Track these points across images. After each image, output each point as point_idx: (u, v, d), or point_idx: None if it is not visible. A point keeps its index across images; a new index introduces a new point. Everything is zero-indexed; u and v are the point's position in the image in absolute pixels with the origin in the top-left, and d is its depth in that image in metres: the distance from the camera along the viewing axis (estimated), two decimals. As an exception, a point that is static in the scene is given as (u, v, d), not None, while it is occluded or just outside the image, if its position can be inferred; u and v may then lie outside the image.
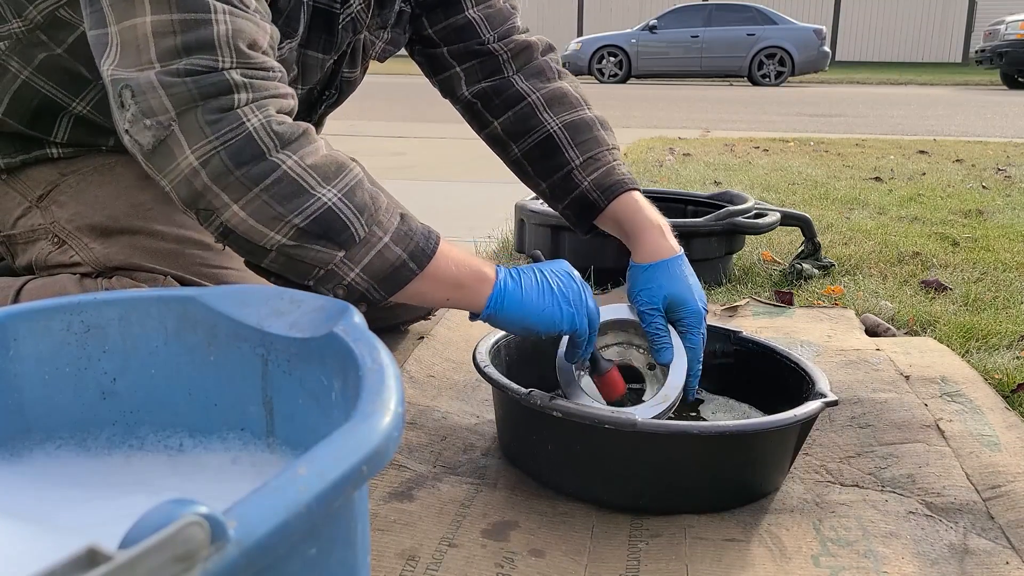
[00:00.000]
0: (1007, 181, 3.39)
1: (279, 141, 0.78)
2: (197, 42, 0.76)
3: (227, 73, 0.77)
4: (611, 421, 0.87)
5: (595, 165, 1.12)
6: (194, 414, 0.64)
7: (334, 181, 0.81)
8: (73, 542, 0.28)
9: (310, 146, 0.81)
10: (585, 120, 1.15)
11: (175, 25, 0.76)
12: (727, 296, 1.75)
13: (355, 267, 0.83)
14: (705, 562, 0.82)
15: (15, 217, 1.10)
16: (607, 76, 13.90)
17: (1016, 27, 11.71)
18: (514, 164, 1.19)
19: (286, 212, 0.78)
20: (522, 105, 1.15)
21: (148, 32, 0.76)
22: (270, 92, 0.80)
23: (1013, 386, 1.23)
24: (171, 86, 0.76)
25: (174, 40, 0.76)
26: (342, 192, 0.81)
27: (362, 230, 0.82)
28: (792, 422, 0.89)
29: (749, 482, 0.93)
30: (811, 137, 5.21)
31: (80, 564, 0.28)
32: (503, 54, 1.17)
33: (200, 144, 0.76)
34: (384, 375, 0.46)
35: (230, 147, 0.76)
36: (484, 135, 1.20)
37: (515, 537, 0.85)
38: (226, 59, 0.77)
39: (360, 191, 0.83)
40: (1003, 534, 0.86)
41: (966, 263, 1.99)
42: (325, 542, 0.41)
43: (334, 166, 0.82)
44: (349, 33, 1.06)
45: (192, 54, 0.76)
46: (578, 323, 0.93)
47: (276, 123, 0.79)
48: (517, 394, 0.92)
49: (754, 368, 1.12)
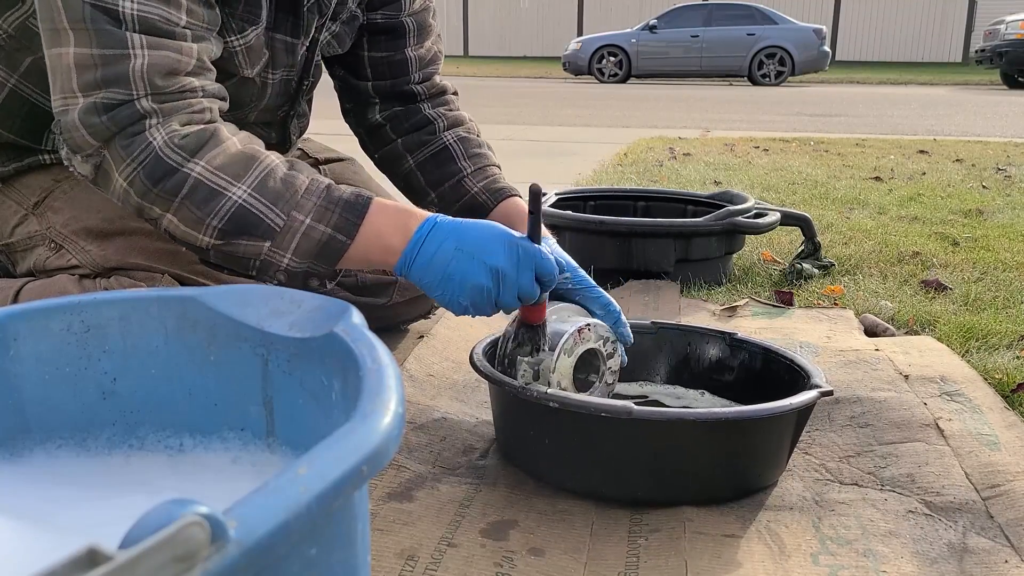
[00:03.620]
0: (1007, 181, 3.39)
1: (186, 152, 0.84)
2: (115, 76, 0.82)
3: (137, 103, 0.83)
4: (607, 409, 0.87)
5: (484, 175, 1.21)
6: (194, 414, 0.64)
7: (244, 177, 0.85)
8: (73, 542, 0.28)
9: (217, 148, 0.86)
10: (475, 139, 1.25)
11: (95, 59, 0.82)
12: (727, 296, 1.75)
13: (286, 253, 0.87)
14: (704, 558, 0.82)
15: (12, 225, 1.10)
16: (607, 76, 13.90)
17: (1016, 27, 11.71)
18: (404, 177, 1.25)
19: (204, 216, 0.85)
20: (427, 126, 1.23)
21: (71, 64, 0.83)
22: (180, 111, 0.85)
23: (1013, 386, 1.23)
24: (90, 125, 0.83)
25: (94, 74, 0.82)
26: (251, 187, 0.85)
27: (279, 219, 0.86)
28: (788, 409, 0.90)
29: (746, 472, 0.93)
30: (811, 137, 5.21)
31: (80, 564, 0.28)
32: (422, 94, 1.25)
33: (123, 168, 0.84)
34: (384, 375, 0.46)
35: (145, 167, 0.84)
36: (380, 154, 1.27)
37: (514, 536, 0.85)
38: (140, 91, 0.84)
39: (271, 181, 0.86)
40: (1002, 533, 0.87)
41: (966, 263, 2.00)
42: (325, 542, 0.41)
43: (243, 162, 0.86)
44: (315, 15, 1.07)
45: (110, 87, 0.83)
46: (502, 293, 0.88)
47: (179, 136, 0.84)
48: (513, 388, 0.92)
49: (750, 369, 1.12)
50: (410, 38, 1.21)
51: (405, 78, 1.22)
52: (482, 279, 0.86)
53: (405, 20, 1.19)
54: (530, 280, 0.88)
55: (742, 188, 2.96)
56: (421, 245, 0.87)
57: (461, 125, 1.25)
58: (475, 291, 0.87)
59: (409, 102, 1.24)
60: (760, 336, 1.42)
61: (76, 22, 0.81)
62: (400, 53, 1.21)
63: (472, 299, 0.88)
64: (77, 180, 1.09)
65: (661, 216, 2.03)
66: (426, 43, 1.23)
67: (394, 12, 1.19)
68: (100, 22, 0.81)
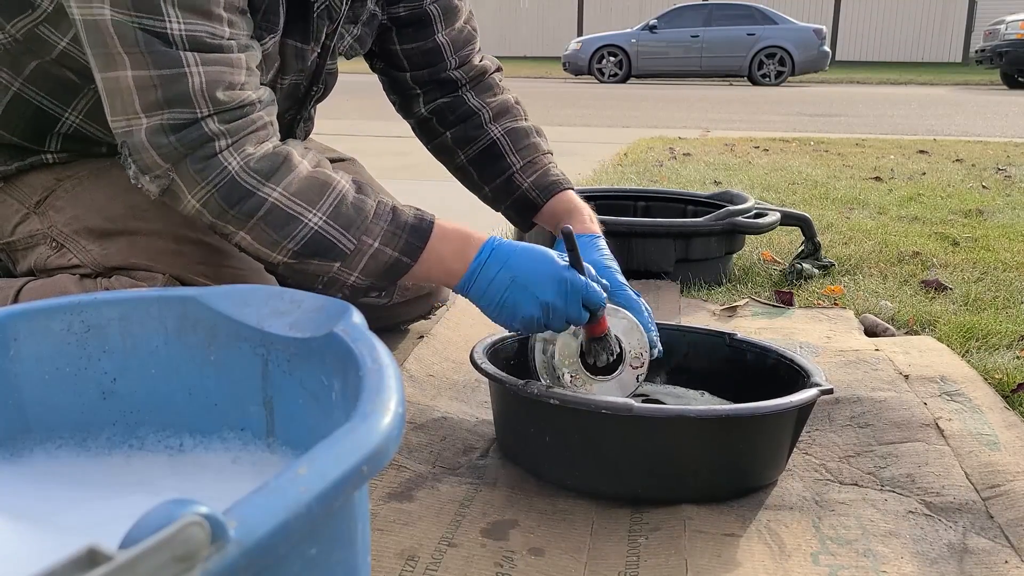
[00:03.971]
0: (1007, 181, 3.39)
1: (261, 176, 0.88)
2: (176, 96, 0.85)
3: (204, 124, 0.86)
4: (608, 406, 0.88)
5: (533, 168, 1.22)
6: (194, 414, 0.64)
7: (319, 204, 0.90)
8: (73, 542, 0.28)
9: (291, 173, 0.90)
10: (524, 128, 1.25)
11: (155, 80, 0.85)
12: (727, 296, 1.75)
13: (353, 272, 0.93)
14: (704, 557, 0.82)
15: (13, 224, 1.10)
16: (607, 76, 13.89)
17: (1016, 27, 11.71)
18: (459, 171, 1.28)
19: (280, 238, 0.90)
20: (472, 118, 1.24)
21: (131, 86, 0.85)
22: (247, 130, 0.89)
23: (1013, 386, 1.23)
24: (159, 146, 0.86)
25: (155, 94, 0.85)
26: (327, 214, 0.90)
27: (350, 243, 0.92)
28: (789, 407, 0.91)
29: (746, 470, 0.94)
30: (811, 137, 5.21)
31: (80, 564, 0.28)
32: (462, 80, 1.24)
33: (196, 191, 0.88)
34: (384, 375, 0.46)
35: (220, 190, 0.87)
36: (432, 145, 1.29)
37: (515, 536, 0.85)
38: (203, 109, 0.87)
39: (344, 207, 0.91)
40: (1002, 533, 0.87)
41: (966, 263, 2.00)
42: (325, 542, 0.41)
43: (317, 188, 0.90)
44: (325, 21, 1.08)
45: (173, 107, 0.85)
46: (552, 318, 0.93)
47: (255, 160, 0.88)
48: (514, 385, 0.93)
49: (750, 369, 1.12)
50: (437, 25, 1.21)
51: (441, 64, 1.23)
52: (534, 311, 0.93)
53: (429, 8, 1.19)
54: (578, 310, 0.93)
55: (742, 188, 2.96)
56: (479, 273, 0.94)
57: (507, 114, 1.25)
58: (526, 321, 0.94)
59: (450, 90, 1.24)
60: (760, 336, 1.42)
61: (130, 46, 0.84)
62: (431, 41, 1.21)
63: (524, 326, 0.95)
64: (79, 179, 1.09)
65: (661, 216, 2.03)
66: (456, 24, 1.23)
67: (416, 3, 1.19)
68: (153, 44, 0.84)
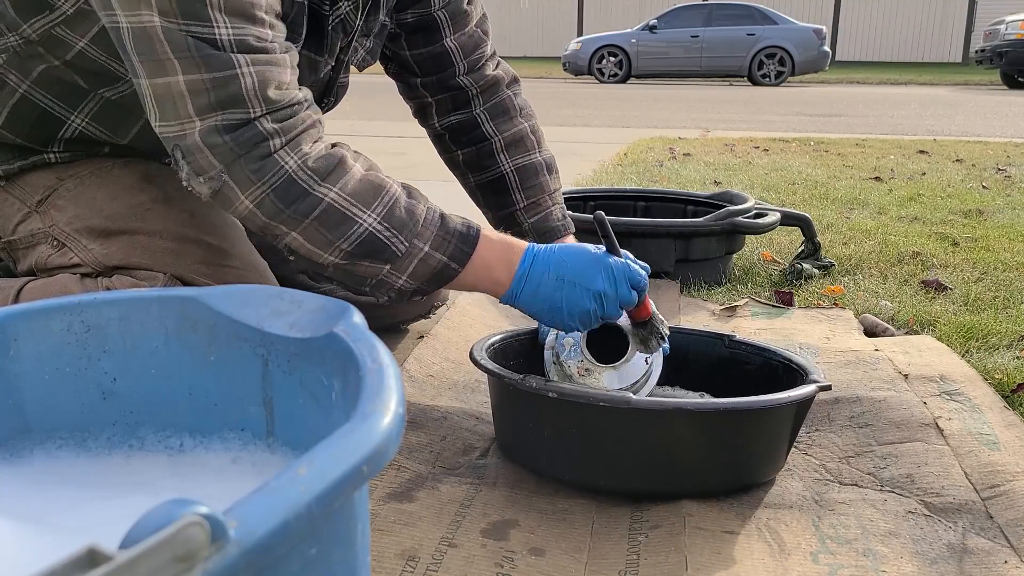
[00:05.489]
0: (1007, 181, 3.39)
1: (318, 176, 0.88)
2: (229, 98, 0.85)
3: (258, 123, 0.86)
4: (606, 399, 0.88)
5: (536, 210, 1.24)
6: (194, 414, 0.64)
7: (373, 205, 0.90)
8: (73, 542, 0.28)
9: (347, 175, 0.90)
10: (535, 164, 1.26)
11: (207, 83, 0.84)
12: (727, 296, 1.75)
13: (402, 275, 0.94)
14: (704, 554, 0.82)
15: (15, 223, 1.10)
16: (607, 76, 13.89)
17: (1016, 27, 11.71)
18: (469, 190, 1.31)
19: (334, 238, 0.89)
20: (484, 144, 1.25)
21: (184, 90, 0.85)
22: (299, 129, 0.89)
23: (1013, 386, 1.23)
24: (213, 146, 0.85)
25: (208, 97, 0.85)
26: (381, 216, 0.90)
27: (402, 246, 0.92)
28: (787, 401, 0.91)
29: (745, 465, 0.94)
30: (811, 137, 5.21)
31: (81, 564, 0.28)
32: (472, 89, 1.25)
33: (251, 191, 0.87)
34: (384, 375, 0.46)
35: (276, 190, 0.87)
36: (447, 158, 1.32)
37: (515, 536, 0.85)
38: (256, 109, 0.86)
39: (398, 210, 0.92)
40: (1002, 533, 0.87)
41: (966, 263, 2.00)
42: (325, 542, 0.41)
43: (372, 190, 0.91)
44: (339, 35, 1.08)
45: (226, 109, 0.85)
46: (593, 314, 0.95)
47: (312, 160, 0.88)
48: (512, 380, 0.93)
49: (749, 370, 1.12)
50: (445, 30, 1.20)
51: (451, 70, 1.23)
52: (588, 304, 0.94)
53: (436, 14, 1.19)
54: (628, 292, 0.95)
55: (742, 188, 2.96)
56: (526, 278, 0.95)
57: (519, 146, 1.25)
58: (583, 315, 0.95)
59: (463, 105, 1.25)
60: (760, 337, 1.42)
61: (181, 51, 0.84)
62: (439, 46, 1.21)
63: (581, 321, 0.95)
64: (81, 178, 1.09)
65: (661, 216, 2.03)
66: (466, 29, 1.22)
67: (423, 9, 1.19)
68: (204, 49, 0.84)
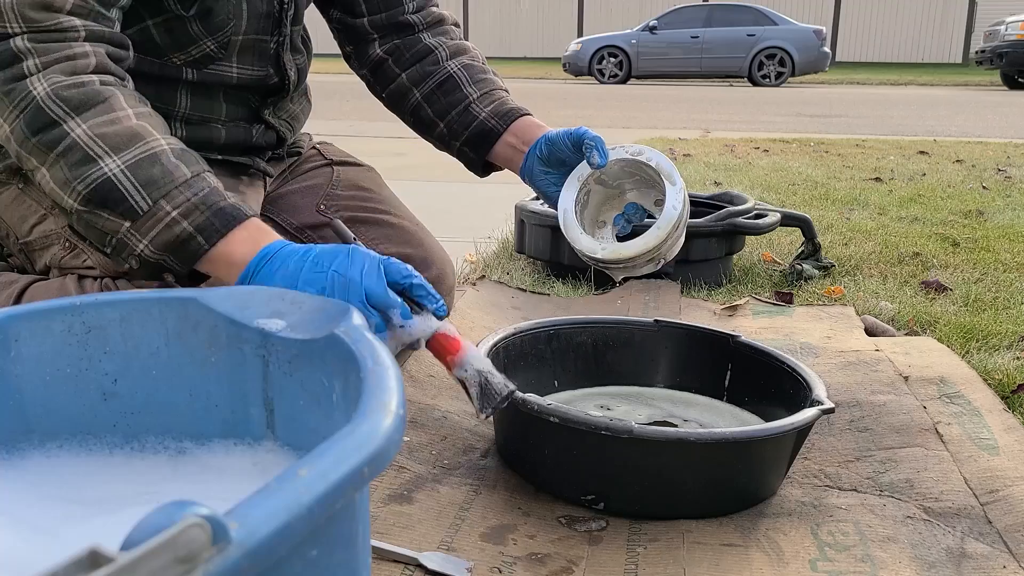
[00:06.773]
0: (1007, 181, 3.39)
1: (68, 106, 0.83)
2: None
3: (12, 41, 0.82)
4: (608, 428, 0.86)
5: (491, 99, 1.20)
6: (195, 415, 0.64)
7: (122, 152, 0.83)
8: (74, 543, 0.28)
9: (105, 115, 0.84)
10: (481, 65, 1.24)
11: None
12: (727, 297, 1.75)
13: (143, 239, 0.85)
14: (703, 566, 0.82)
15: (31, 224, 1.10)
16: (607, 76, 13.89)
17: (1016, 27, 11.71)
18: (412, 113, 1.24)
19: (72, 178, 0.84)
20: (429, 55, 1.22)
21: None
22: (59, 56, 0.83)
23: (1013, 387, 1.23)
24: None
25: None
26: (126, 164, 0.83)
27: (144, 203, 0.84)
28: (788, 429, 0.90)
29: (746, 488, 0.93)
30: (811, 138, 5.21)
31: (82, 566, 0.28)
32: (420, 25, 1.24)
33: (6, 113, 0.84)
34: (385, 376, 0.46)
35: (25, 114, 0.83)
36: (387, 92, 1.26)
37: (513, 541, 0.85)
38: (13, 26, 0.82)
39: (152, 164, 0.84)
40: (1000, 539, 0.86)
41: (966, 263, 2.00)
42: (326, 543, 0.41)
43: (128, 136, 0.84)
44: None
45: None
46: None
47: (65, 89, 0.83)
48: (515, 399, 0.91)
49: (752, 373, 1.12)
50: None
51: (400, 8, 1.22)
52: (323, 281, 0.77)
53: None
54: (376, 284, 0.78)
55: (742, 189, 2.96)
56: (269, 258, 0.82)
57: (465, 53, 1.24)
58: (319, 290, 0.78)
59: (407, 33, 1.23)
60: (760, 336, 1.42)
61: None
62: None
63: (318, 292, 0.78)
64: None
65: (661, 217, 2.02)
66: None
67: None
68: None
